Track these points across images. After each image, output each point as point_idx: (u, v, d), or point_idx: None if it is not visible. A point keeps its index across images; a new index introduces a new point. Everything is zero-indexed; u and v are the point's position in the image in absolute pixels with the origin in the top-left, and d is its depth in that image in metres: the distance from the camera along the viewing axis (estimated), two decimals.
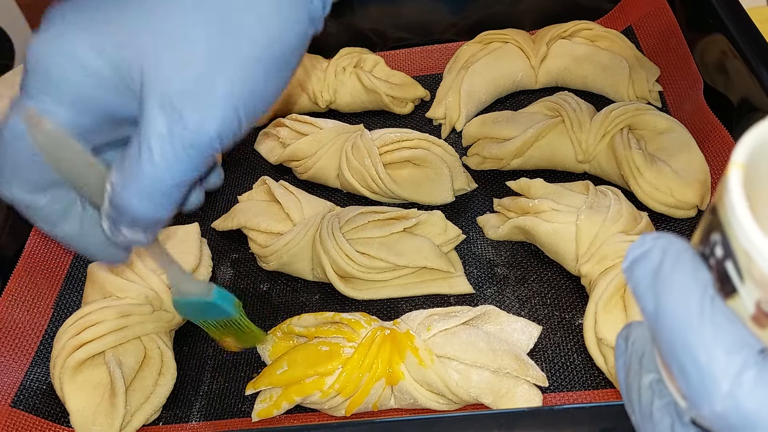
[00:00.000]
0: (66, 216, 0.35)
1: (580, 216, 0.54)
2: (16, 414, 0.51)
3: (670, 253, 0.22)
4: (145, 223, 0.32)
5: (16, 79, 0.94)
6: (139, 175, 0.30)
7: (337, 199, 0.66)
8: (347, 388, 0.47)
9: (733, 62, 0.62)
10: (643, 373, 0.25)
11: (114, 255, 0.37)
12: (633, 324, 0.27)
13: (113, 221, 0.32)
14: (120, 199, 0.31)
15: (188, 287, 0.42)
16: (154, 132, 0.30)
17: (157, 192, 0.31)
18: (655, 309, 0.21)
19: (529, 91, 0.75)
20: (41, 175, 0.32)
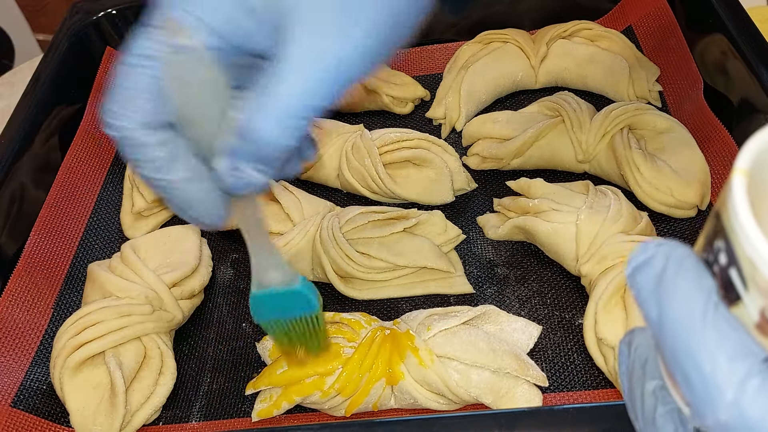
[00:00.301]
0: (173, 161, 0.32)
1: (580, 216, 0.54)
2: (16, 414, 0.51)
3: (672, 260, 0.21)
4: (273, 152, 0.31)
5: (16, 78, 0.94)
6: (275, 99, 0.30)
7: (337, 199, 0.66)
8: (347, 388, 0.47)
9: (733, 62, 0.62)
10: (647, 380, 0.25)
11: (215, 211, 0.34)
12: (636, 330, 0.27)
13: (235, 155, 0.31)
14: (252, 124, 0.30)
15: (273, 274, 0.38)
16: (294, 56, 0.30)
17: (292, 116, 0.30)
18: (659, 316, 0.21)
19: (529, 91, 0.75)
20: (156, 110, 0.31)
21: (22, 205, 0.62)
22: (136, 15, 0.79)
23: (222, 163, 0.31)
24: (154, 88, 0.31)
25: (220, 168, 0.32)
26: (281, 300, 0.39)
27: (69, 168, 0.68)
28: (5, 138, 0.65)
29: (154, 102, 0.31)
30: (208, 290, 0.60)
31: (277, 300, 0.39)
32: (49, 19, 1.66)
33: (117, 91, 0.31)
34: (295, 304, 0.39)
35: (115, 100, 0.31)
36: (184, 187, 0.33)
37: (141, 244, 0.59)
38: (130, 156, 0.32)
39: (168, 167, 0.32)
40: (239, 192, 0.33)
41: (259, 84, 0.31)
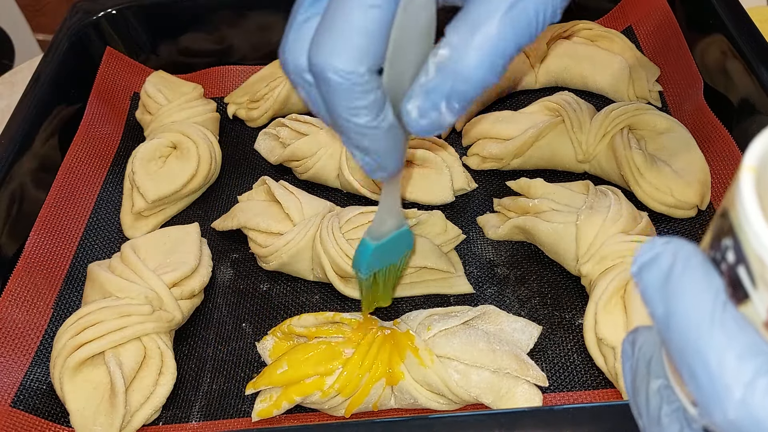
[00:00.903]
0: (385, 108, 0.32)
1: (580, 216, 0.54)
2: (16, 414, 0.51)
3: (680, 258, 0.21)
4: (471, 92, 0.31)
5: (16, 78, 0.94)
6: (480, 35, 0.30)
7: (337, 199, 0.66)
8: (347, 388, 0.47)
9: (733, 62, 0.62)
10: (651, 379, 0.25)
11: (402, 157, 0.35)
12: (639, 329, 0.27)
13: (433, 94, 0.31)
14: (461, 59, 0.30)
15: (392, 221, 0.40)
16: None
17: (500, 53, 0.30)
18: (665, 314, 0.21)
19: (529, 91, 0.75)
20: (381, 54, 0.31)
21: (22, 205, 0.62)
22: (136, 15, 0.79)
23: (413, 105, 0.32)
24: (386, 31, 0.30)
25: (412, 110, 0.32)
26: (391, 245, 0.41)
27: (69, 168, 0.68)
28: (5, 138, 0.65)
29: (383, 45, 0.31)
30: (208, 290, 0.60)
31: (388, 246, 0.41)
32: (49, 19, 1.66)
33: (346, 27, 0.30)
34: (401, 244, 0.42)
35: (349, 43, 0.30)
36: (391, 134, 0.33)
37: (141, 244, 0.59)
38: (353, 103, 0.31)
39: (383, 112, 0.32)
40: (427, 134, 0.33)
41: (468, 15, 0.30)
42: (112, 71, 0.78)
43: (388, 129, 0.33)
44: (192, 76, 0.81)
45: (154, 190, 0.64)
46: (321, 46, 0.31)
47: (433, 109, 0.31)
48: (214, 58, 0.81)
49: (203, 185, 0.69)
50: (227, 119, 0.77)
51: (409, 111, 0.32)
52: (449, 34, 0.31)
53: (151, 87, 0.73)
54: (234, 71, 0.82)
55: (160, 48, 0.81)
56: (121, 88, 0.79)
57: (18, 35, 1.55)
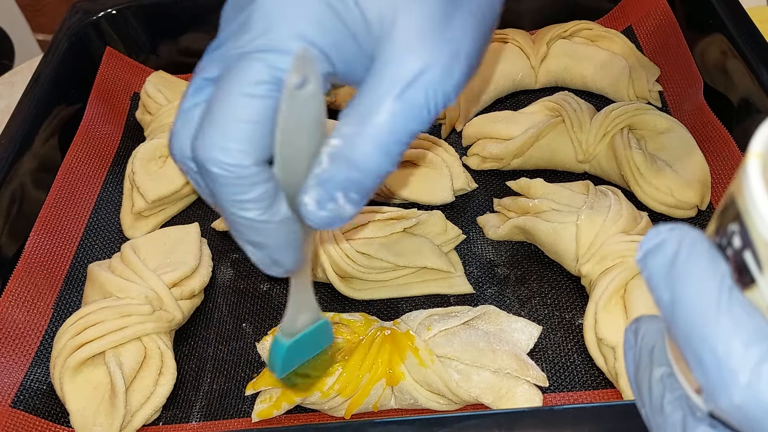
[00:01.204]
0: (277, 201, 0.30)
1: (580, 216, 0.54)
2: (16, 414, 0.51)
3: (685, 244, 0.21)
4: (369, 182, 0.30)
5: (16, 78, 0.94)
6: (376, 122, 0.29)
7: None
8: (347, 388, 0.47)
9: (733, 62, 0.62)
10: (654, 367, 0.25)
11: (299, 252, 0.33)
12: (642, 318, 0.27)
13: (329, 185, 0.29)
14: (355, 149, 0.29)
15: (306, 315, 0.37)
16: (399, 77, 0.29)
17: (393, 140, 0.30)
18: (671, 300, 0.21)
19: (529, 91, 0.75)
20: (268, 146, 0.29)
21: (22, 205, 0.62)
22: (136, 15, 0.79)
23: (310, 197, 0.30)
24: (269, 121, 0.29)
25: (308, 202, 0.30)
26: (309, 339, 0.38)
27: (69, 168, 0.68)
28: (5, 138, 0.65)
29: (269, 136, 0.29)
30: (208, 290, 0.60)
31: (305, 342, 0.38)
32: (49, 19, 1.66)
33: (231, 126, 0.29)
34: (320, 338, 0.38)
35: (230, 136, 0.29)
36: (285, 229, 0.31)
37: (141, 244, 0.59)
38: (239, 197, 0.30)
39: (274, 206, 0.30)
40: (326, 227, 0.31)
41: (362, 104, 0.30)
42: (112, 71, 0.78)
43: (281, 222, 0.31)
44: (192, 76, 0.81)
45: (154, 190, 0.64)
46: (203, 138, 0.29)
47: (330, 200, 0.30)
48: None
49: None
50: None
51: (306, 203, 0.30)
52: (341, 123, 0.30)
53: (151, 87, 0.73)
54: None
55: (160, 48, 0.81)
56: (121, 88, 0.79)
57: (18, 35, 1.55)
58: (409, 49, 0.30)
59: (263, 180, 0.30)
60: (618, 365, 0.47)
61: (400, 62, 0.29)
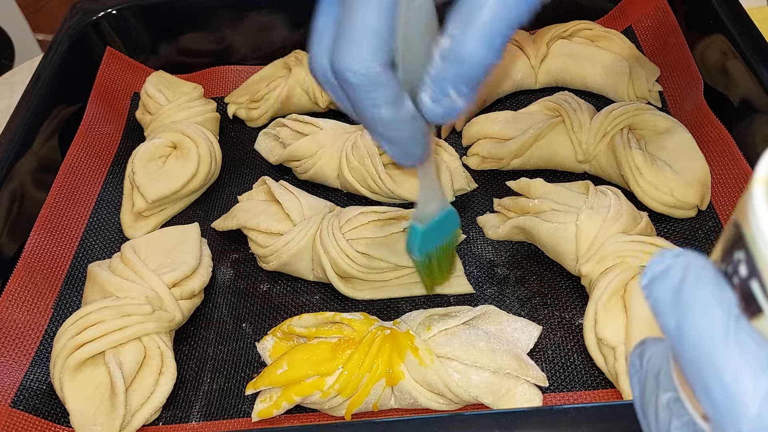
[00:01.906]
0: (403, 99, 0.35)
1: (580, 216, 0.54)
2: (16, 414, 0.51)
3: (691, 271, 0.21)
4: (479, 72, 0.33)
5: (16, 78, 0.94)
6: (478, 20, 0.32)
7: (337, 199, 0.66)
8: (347, 388, 0.47)
9: (733, 62, 0.62)
10: (660, 392, 0.25)
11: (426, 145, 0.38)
12: (647, 340, 0.27)
13: (442, 81, 0.33)
14: (463, 46, 0.32)
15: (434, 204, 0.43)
16: None
17: (494, 34, 0.32)
18: (677, 328, 0.21)
19: (529, 91, 0.75)
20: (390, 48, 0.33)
21: (22, 205, 0.62)
22: (136, 15, 0.79)
23: (426, 93, 0.34)
24: (393, 29, 0.33)
25: (425, 98, 0.34)
26: (439, 226, 0.44)
27: (69, 168, 0.68)
28: (5, 138, 0.65)
29: (391, 39, 0.33)
30: (208, 290, 0.60)
31: (436, 227, 0.44)
32: (49, 19, 1.66)
33: (359, 31, 0.33)
34: (448, 224, 0.44)
35: (363, 45, 0.33)
36: (413, 125, 0.36)
37: (141, 244, 0.59)
38: (369, 95, 0.34)
39: (399, 103, 0.35)
40: (443, 120, 0.35)
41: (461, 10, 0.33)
42: (112, 71, 0.78)
43: (409, 119, 0.35)
44: (192, 76, 0.81)
45: (154, 190, 0.64)
46: (339, 52, 0.33)
47: (444, 95, 0.34)
48: (214, 58, 0.81)
49: (203, 185, 0.69)
50: (227, 119, 0.77)
51: (424, 101, 0.34)
52: (448, 25, 0.33)
53: (151, 87, 0.73)
54: (234, 71, 0.82)
55: (160, 48, 0.81)
56: (121, 88, 0.79)
57: (18, 35, 1.55)
58: None
59: (390, 82, 0.34)
60: (618, 365, 0.47)
61: None
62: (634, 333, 0.47)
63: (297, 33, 0.79)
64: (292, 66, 0.75)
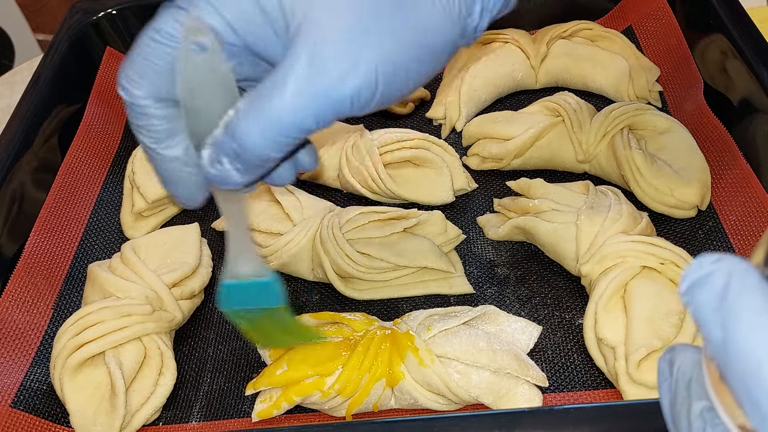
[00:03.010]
0: (171, 137, 0.34)
1: (580, 216, 0.54)
2: (16, 414, 0.51)
3: (735, 277, 0.20)
4: (250, 159, 0.32)
5: (16, 78, 0.94)
6: (266, 107, 0.31)
7: (337, 199, 0.66)
8: (347, 388, 0.47)
9: (733, 62, 0.62)
10: (693, 401, 0.24)
11: (194, 194, 0.36)
12: (676, 347, 0.26)
13: (219, 149, 0.32)
14: (239, 125, 0.31)
15: (247, 266, 0.40)
16: (294, 71, 0.30)
17: (276, 129, 0.31)
18: (723, 338, 0.20)
19: (529, 91, 0.75)
20: (167, 86, 0.33)
21: (22, 205, 0.62)
22: (136, 15, 0.79)
23: (206, 152, 0.33)
24: (169, 66, 0.32)
25: (204, 156, 0.33)
26: (250, 291, 0.41)
27: (69, 168, 0.68)
28: (5, 138, 0.65)
29: (167, 78, 0.32)
30: (208, 290, 0.60)
31: (247, 291, 0.41)
32: (49, 19, 1.66)
33: (136, 59, 0.33)
34: (263, 295, 0.41)
35: (133, 68, 0.33)
36: (173, 165, 0.35)
37: (141, 244, 0.59)
38: (134, 121, 0.34)
39: (166, 142, 0.34)
40: (218, 185, 0.34)
41: (260, 87, 0.31)
42: (112, 71, 0.78)
43: (171, 159, 0.34)
44: None
45: (154, 190, 0.64)
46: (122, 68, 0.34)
47: (219, 162, 0.32)
48: None
49: None
50: None
51: (203, 157, 0.33)
52: (246, 99, 0.32)
53: None
54: None
55: None
56: None
57: (18, 35, 1.55)
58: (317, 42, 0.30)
59: (157, 115, 0.33)
60: (618, 365, 0.47)
61: (297, 59, 0.30)
62: (634, 333, 0.47)
63: None
64: None
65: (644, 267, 0.51)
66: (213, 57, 0.31)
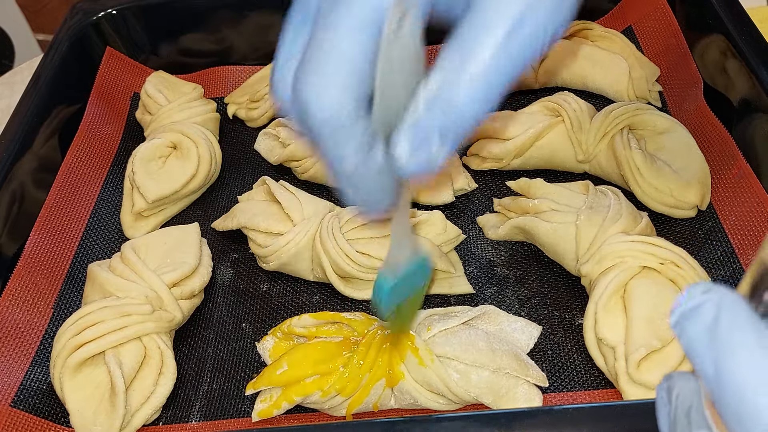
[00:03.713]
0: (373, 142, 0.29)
1: (580, 216, 0.54)
2: (16, 414, 0.51)
3: (724, 309, 0.20)
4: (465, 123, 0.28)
5: (16, 78, 0.94)
6: (479, 62, 0.26)
7: (337, 199, 0.66)
8: (347, 388, 0.47)
9: (733, 62, 0.62)
10: (693, 429, 0.24)
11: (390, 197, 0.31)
12: (674, 375, 0.26)
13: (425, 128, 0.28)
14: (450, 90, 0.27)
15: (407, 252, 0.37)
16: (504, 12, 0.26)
17: (495, 82, 0.27)
18: (716, 374, 0.20)
19: (528, 91, 0.75)
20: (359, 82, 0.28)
21: (22, 205, 0.62)
22: (136, 15, 0.79)
23: (404, 140, 0.28)
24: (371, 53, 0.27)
25: (406, 145, 0.28)
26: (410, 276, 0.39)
27: (69, 168, 0.68)
28: (5, 138, 0.65)
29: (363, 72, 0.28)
30: (208, 290, 0.60)
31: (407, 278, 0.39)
32: (49, 19, 1.66)
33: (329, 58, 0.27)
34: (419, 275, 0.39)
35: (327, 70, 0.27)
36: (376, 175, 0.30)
37: (141, 244, 0.59)
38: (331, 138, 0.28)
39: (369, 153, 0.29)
40: (417, 174, 0.29)
41: (457, 48, 0.27)
42: (112, 71, 0.78)
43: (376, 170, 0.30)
44: (192, 76, 0.81)
45: (154, 190, 0.64)
46: (305, 80, 0.28)
47: (424, 146, 0.28)
48: (214, 58, 0.81)
49: (203, 185, 0.69)
50: (227, 119, 0.77)
51: (399, 150, 0.28)
52: (440, 63, 0.27)
53: (151, 87, 0.73)
54: (234, 71, 0.82)
55: (160, 48, 0.81)
56: (121, 88, 0.79)
57: (18, 35, 1.55)
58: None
59: (360, 124, 0.28)
60: (618, 365, 0.47)
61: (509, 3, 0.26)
62: (633, 333, 0.47)
63: None
64: None
65: (644, 267, 0.51)
66: (413, 29, 0.27)
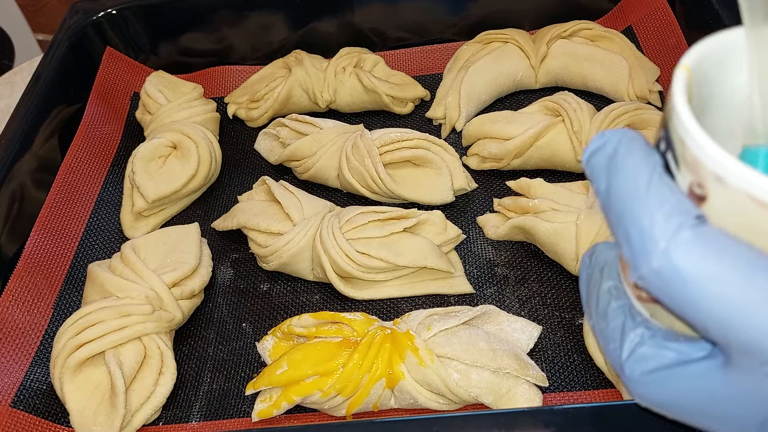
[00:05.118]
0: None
1: (580, 216, 0.54)
2: (16, 414, 0.51)
3: (623, 142, 0.24)
4: None
5: (16, 78, 0.94)
6: None
7: (337, 199, 0.66)
8: (347, 388, 0.48)
9: None
10: (603, 281, 0.28)
11: None
12: (599, 244, 0.30)
13: None
14: None
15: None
16: None
17: None
18: (607, 187, 0.23)
19: (529, 91, 0.75)
20: None
21: (22, 205, 0.62)
22: (136, 15, 0.79)
23: None
24: None
25: None
26: None
27: (69, 168, 0.68)
28: (5, 138, 0.65)
29: None
30: (208, 290, 0.60)
31: None
32: (49, 19, 1.66)
33: None
34: None
35: None
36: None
37: (141, 244, 0.59)
38: None
39: None
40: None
41: None
42: (112, 71, 0.78)
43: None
44: (192, 76, 0.81)
45: (154, 190, 0.64)
46: None
47: None
48: (214, 58, 0.81)
49: (203, 185, 0.69)
50: (227, 119, 0.77)
51: None
52: None
53: (151, 87, 0.73)
54: (234, 71, 0.82)
55: (160, 48, 0.81)
56: (121, 88, 0.79)
57: (18, 35, 1.55)
58: None
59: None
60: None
61: None
62: None
63: (297, 33, 0.79)
64: (292, 66, 0.75)
65: None
66: None
